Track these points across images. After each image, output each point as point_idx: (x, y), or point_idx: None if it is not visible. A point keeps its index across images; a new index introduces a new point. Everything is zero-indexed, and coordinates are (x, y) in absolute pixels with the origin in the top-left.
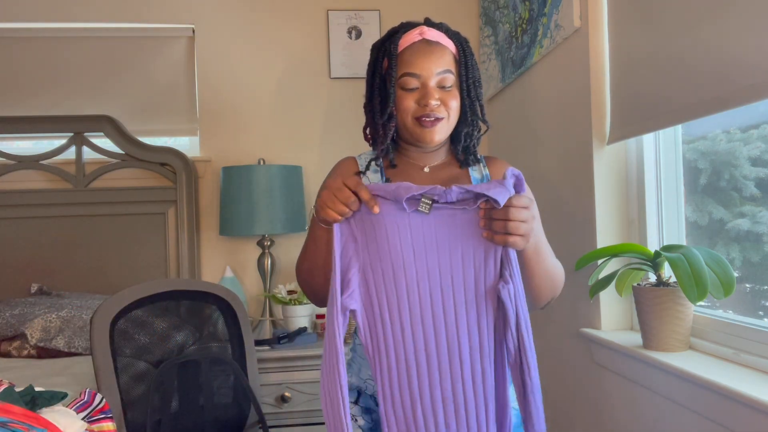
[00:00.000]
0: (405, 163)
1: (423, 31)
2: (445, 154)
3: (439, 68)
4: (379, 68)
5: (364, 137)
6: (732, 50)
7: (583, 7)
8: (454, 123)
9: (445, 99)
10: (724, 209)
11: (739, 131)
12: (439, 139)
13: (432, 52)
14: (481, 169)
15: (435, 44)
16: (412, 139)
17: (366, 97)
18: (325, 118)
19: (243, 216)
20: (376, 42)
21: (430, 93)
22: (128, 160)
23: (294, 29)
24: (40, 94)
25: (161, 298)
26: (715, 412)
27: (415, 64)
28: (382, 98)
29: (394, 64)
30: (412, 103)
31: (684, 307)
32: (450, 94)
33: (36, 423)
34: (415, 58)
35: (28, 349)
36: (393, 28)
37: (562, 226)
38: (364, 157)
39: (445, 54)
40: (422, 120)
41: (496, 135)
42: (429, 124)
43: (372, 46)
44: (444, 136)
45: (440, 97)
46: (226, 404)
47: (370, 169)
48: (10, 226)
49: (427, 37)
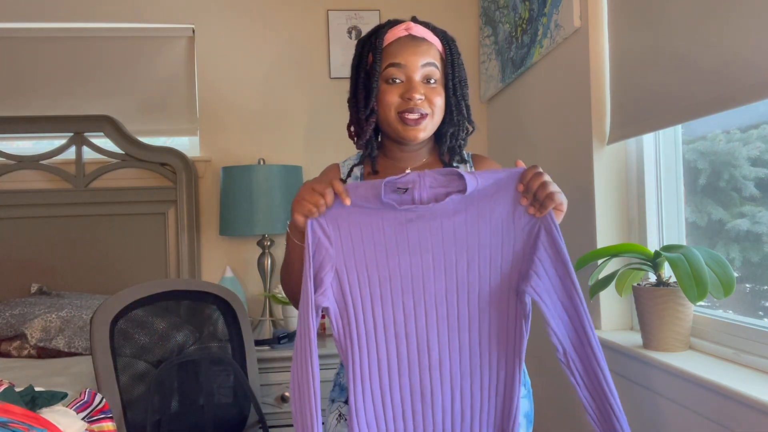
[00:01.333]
0: (386, 167)
1: (409, 26)
2: (428, 154)
3: (425, 60)
4: (364, 63)
5: (348, 134)
6: (732, 50)
7: (583, 7)
8: (439, 121)
9: (430, 95)
10: (724, 210)
11: (738, 131)
12: (422, 137)
13: (418, 46)
14: (467, 169)
15: (421, 39)
16: (395, 136)
17: (350, 93)
18: (325, 118)
19: (243, 216)
20: (362, 37)
21: (414, 87)
22: (128, 160)
23: (294, 29)
24: (40, 94)
25: (161, 298)
26: (715, 412)
27: (399, 55)
28: (365, 93)
29: (379, 59)
30: (396, 97)
31: (684, 307)
32: (435, 91)
33: (36, 423)
34: (400, 50)
35: (28, 349)
36: (379, 24)
37: (562, 226)
38: (347, 164)
39: (431, 49)
40: (405, 117)
41: (496, 135)
42: (412, 122)
43: (357, 41)
44: (428, 134)
45: (425, 92)
46: (226, 404)
47: (351, 176)
48: (10, 226)
49: (413, 33)
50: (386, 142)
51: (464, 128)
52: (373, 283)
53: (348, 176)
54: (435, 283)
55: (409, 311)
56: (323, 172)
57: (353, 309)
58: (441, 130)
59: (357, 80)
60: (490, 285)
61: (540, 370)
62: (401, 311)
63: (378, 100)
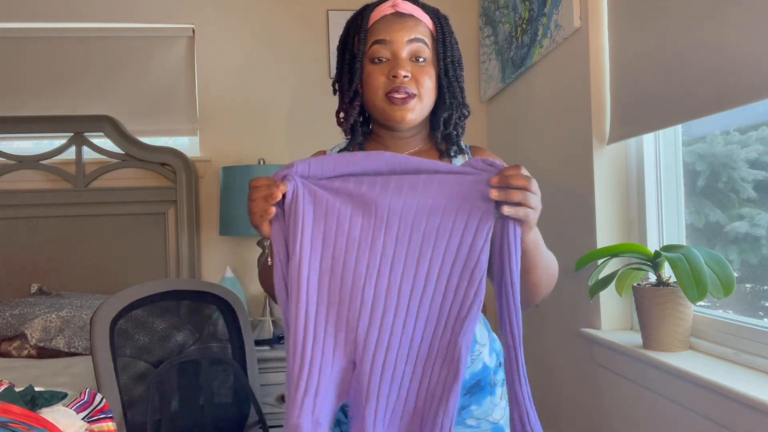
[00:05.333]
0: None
1: (396, 2)
2: (422, 141)
3: (411, 36)
4: (350, 44)
5: (337, 121)
6: (732, 50)
7: (583, 7)
8: (429, 104)
9: (417, 74)
10: (722, 212)
11: (737, 133)
12: (411, 119)
13: (404, 22)
14: (466, 159)
15: (408, 16)
16: (383, 119)
17: (336, 76)
18: (325, 118)
19: (243, 216)
20: (349, 18)
21: (400, 63)
22: (128, 160)
23: (294, 29)
24: (40, 94)
25: (161, 298)
26: (715, 412)
27: (384, 32)
28: (350, 75)
29: (363, 38)
30: (382, 77)
31: (684, 307)
32: (423, 70)
33: (36, 423)
34: (385, 27)
35: (28, 349)
36: (367, 3)
37: (562, 226)
38: (334, 151)
39: (419, 25)
40: (392, 97)
41: (496, 135)
42: (399, 101)
43: (346, 21)
44: (417, 117)
45: (412, 70)
46: (226, 404)
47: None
48: (10, 226)
49: (399, 9)
50: (377, 128)
51: (459, 112)
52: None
53: None
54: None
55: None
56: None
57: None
58: (435, 115)
59: (342, 62)
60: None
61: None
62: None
63: (364, 82)
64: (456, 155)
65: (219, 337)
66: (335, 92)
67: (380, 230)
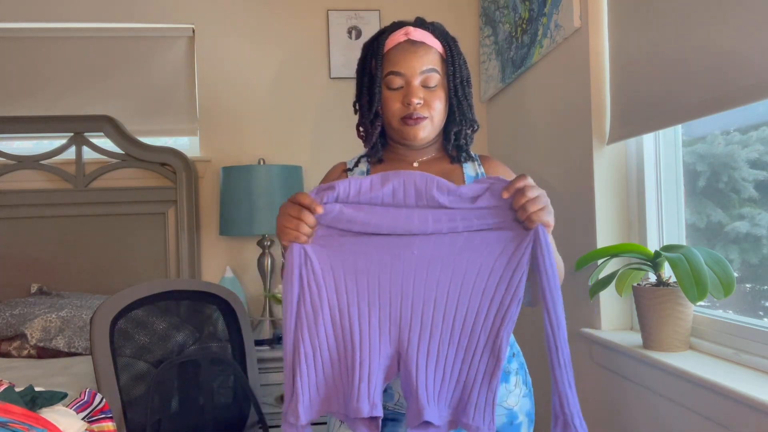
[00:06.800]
0: (393, 159)
1: (408, 31)
2: (435, 150)
3: (423, 67)
4: (368, 67)
5: (357, 134)
6: (732, 50)
7: (583, 7)
8: (440, 123)
9: (429, 99)
10: (723, 211)
11: (738, 134)
12: (423, 137)
13: (416, 51)
14: (476, 167)
15: (420, 44)
16: (399, 138)
17: (356, 95)
18: (325, 118)
19: (243, 216)
20: (367, 41)
21: (413, 91)
22: (128, 160)
23: (294, 29)
24: (40, 94)
25: (161, 298)
26: (715, 412)
27: (398, 63)
28: (369, 97)
29: (380, 64)
30: (398, 104)
31: (684, 307)
32: (434, 95)
33: (36, 423)
34: (399, 57)
35: (28, 349)
36: (383, 28)
37: (562, 226)
38: (355, 159)
39: (429, 53)
40: (406, 120)
41: (496, 135)
42: (413, 122)
43: (363, 44)
44: (429, 135)
45: (424, 96)
46: (226, 404)
47: (358, 167)
48: (10, 226)
49: (411, 38)
50: (392, 143)
51: (469, 126)
52: (362, 309)
53: (355, 166)
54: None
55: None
56: (328, 172)
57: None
58: (446, 129)
59: (362, 84)
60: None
61: (541, 369)
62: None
63: (382, 105)
64: (466, 161)
65: (219, 337)
66: (356, 112)
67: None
